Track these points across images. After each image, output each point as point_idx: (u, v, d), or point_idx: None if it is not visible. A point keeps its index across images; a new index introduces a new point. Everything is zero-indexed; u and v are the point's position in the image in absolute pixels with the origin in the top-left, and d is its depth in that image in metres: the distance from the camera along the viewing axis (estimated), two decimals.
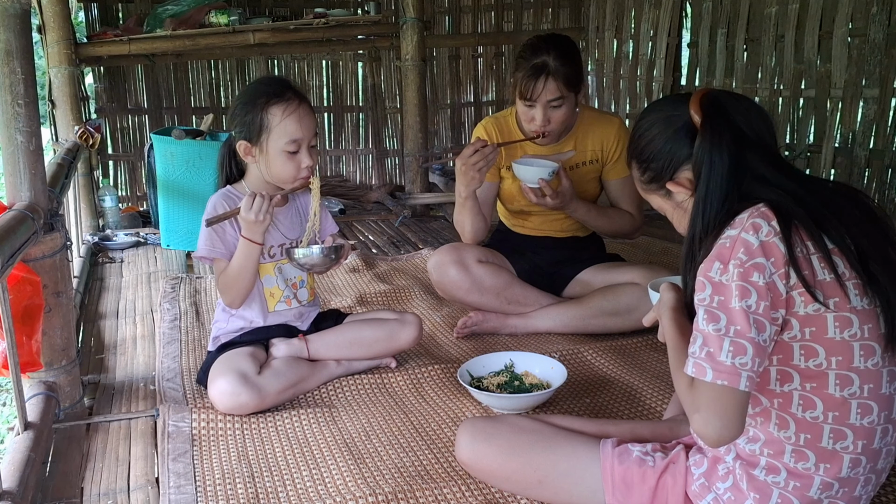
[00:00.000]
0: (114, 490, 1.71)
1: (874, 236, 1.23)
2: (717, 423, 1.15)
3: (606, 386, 2.12)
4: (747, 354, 1.13)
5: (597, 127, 2.48)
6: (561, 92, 2.29)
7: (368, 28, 4.79)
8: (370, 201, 4.98)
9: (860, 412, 1.20)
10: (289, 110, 1.98)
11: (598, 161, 2.50)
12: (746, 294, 1.14)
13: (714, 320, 1.16)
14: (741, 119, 1.28)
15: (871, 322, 1.20)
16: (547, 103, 2.30)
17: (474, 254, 2.50)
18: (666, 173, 1.36)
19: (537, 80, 2.27)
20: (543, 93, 2.28)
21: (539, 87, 2.27)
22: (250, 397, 1.92)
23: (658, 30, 4.60)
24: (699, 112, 1.29)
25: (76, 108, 4.11)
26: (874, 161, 3.35)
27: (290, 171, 2.02)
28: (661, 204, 1.43)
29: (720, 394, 1.14)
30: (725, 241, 1.19)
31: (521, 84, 2.30)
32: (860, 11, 3.36)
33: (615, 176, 2.51)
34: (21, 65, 1.82)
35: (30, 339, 1.83)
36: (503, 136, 2.50)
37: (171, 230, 3.71)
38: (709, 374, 1.15)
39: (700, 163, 1.27)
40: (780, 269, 1.16)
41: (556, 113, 2.33)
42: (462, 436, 1.57)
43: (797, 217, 1.19)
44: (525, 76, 2.28)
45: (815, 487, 1.22)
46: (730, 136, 1.26)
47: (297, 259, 2.03)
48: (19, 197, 1.88)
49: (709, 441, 1.17)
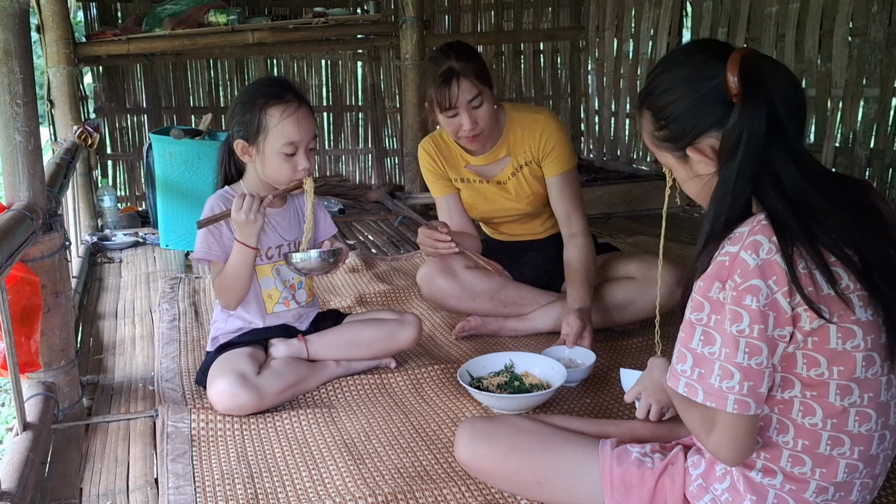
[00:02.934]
0: (113, 491, 1.70)
1: (880, 243, 1.20)
2: (729, 444, 1.18)
3: (606, 386, 2.12)
4: (734, 379, 1.14)
5: (525, 126, 2.43)
6: (477, 88, 2.27)
7: (368, 27, 4.79)
8: (370, 201, 4.97)
9: (858, 420, 1.19)
10: (287, 112, 1.97)
11: (534, 161, 2.45)
12: (738, 319, 1.13)
13: (710, 343, 1.16)
14: (778, 95, 1.16)
15: (874, 333, 1.18)
16: (467, 105, 2.27)
17: (461, 261, 2.48)
18: (687, 137, 1.24)
19: (450, 85, 2.24)
20: (461, 94, 2.25)
21: (454, 91, 2.24)
22: (249, 398, 1.92)
23: (658, 29, 4.60)
24: (738, 77, 1.16)
25: (75, 107, 4.11)
26: (875, 161, 3.35)
27: (286, 173, 2.01)
28: (672, 163, 1.31)
29: (730, 420, 1.16)
30: (725, 258, 1.16)
31: (437, 96, 2.27)
32: (860, 11, 3.36)
33: (553, 172, 2.43)
34: (20, 64, 1.82)
35: (28, 340, 1.82)
36: (441, 153, 2.50)
37: (170, 230, 3.71)
38: (700, 395, 1.16)
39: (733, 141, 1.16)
40: (784, 287, 1.13)
41: (480, 112, 2.30)
42: (461, 436, 1.56)
43: (797, 233, 1.14)
44: (437, 88, 2.26)
45: (811, 491, 1.22)
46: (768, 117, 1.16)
47: (294, 264, 2.03)
48: (18, 197, 1.88)
49: (726, 461, 1.21)
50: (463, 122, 2.29)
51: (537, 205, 2.51)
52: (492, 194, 2.50)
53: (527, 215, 2.55)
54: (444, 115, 2.30)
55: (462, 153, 2.49)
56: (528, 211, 2.52)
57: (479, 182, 2.50)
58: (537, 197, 2.49)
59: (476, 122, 2.30)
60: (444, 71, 2.24)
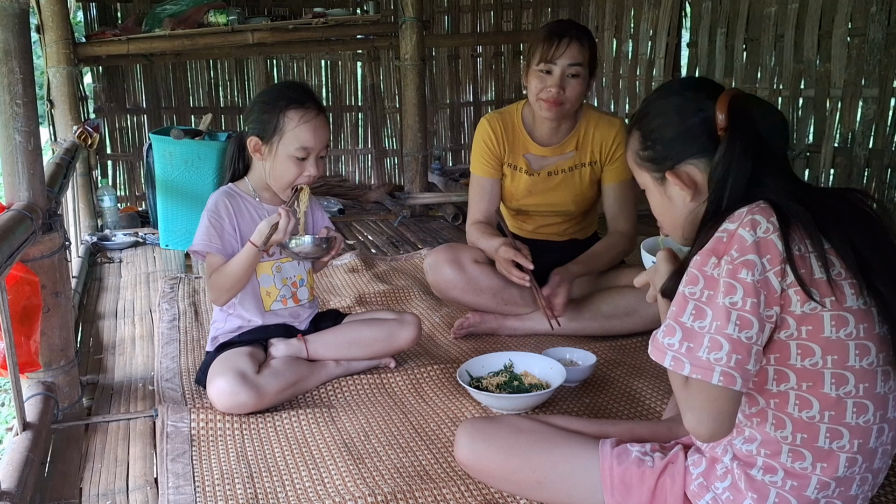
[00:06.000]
0: (112, 490, 1.70)
1: (874, 242, 1.22)
2: (708, 421, 1.17)
3: (606, 386, 2.12)
4: (722, 350, 1.14)
5: (599, 128, 2.47)
6: (582, 58, 2.27)
7: (367, 28, 4.79)
8: (369, 201, 4.97)
9: (856, 411, 1.20)
10: (306, 118, 2.01)
11: (598, 163, 2.49)
12: (731, 291, 1.14)
13: (700, 317, 1.17)
14: (766, 130, 1.25)
15: (866, 322, 1.19)
16: (566, 67, 2.27)
17: (471, 253, 2.49)
18: (668, 161, 1.33)
19: (560, 40, 2.25)
20: (566, 54, 2.25)
21: (562, 47, 2.25)
22: (249, 396, 1.92)
23: (657, 29, 4.60)
24: (726, 114, 1.26)
25: (75, 107, 4.11)
26: (874, 161, 3.35)
27: (292, 176, 2.04)
28: (648, 183, 1.40)
29: (713, 392, 1.15)
30: (723, 234, 1.19)
31: (542, 46, 2.27)
32: (859, 11, 3.36)
33: (612, 180, 2.49)
34: (19, 64, 1.82)
35: (28, 340, 1.82)
36: (507, 133, 2.49)
37: (170, 230, 3.71)
38: (686, 368, 1.16)
39: (721, 170, 1.24)
40: (776, 266, 1.15)
41: (572, 83, 2.30)
42: (461, 436, 1.57)
43: (796, 215, 1.18)
44: (546, 37, 2.26)
45: (812, 487, 1.22)
46: (754, 149, 1.24)
47: (290, 248, 2.05)
48: (18, 197, 1.88)
49: (700, 437, 1.20)
50: (551, 83, 2.29)
51: (580, 205, 2.54)
52: (538, 186, 2.49)
53: (564, 213, 2.55)
54: (540, 66, 2.30)
55: (526, 139, 2.47)
56: (567, 209, 2.54)
57: (528, 173, 2.49)
58: (584, 199, 2.52)
59: (563, 89, 2.30)
60: (560, 27, 2.28)
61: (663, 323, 1.24)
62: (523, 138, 2.49)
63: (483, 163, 2.52)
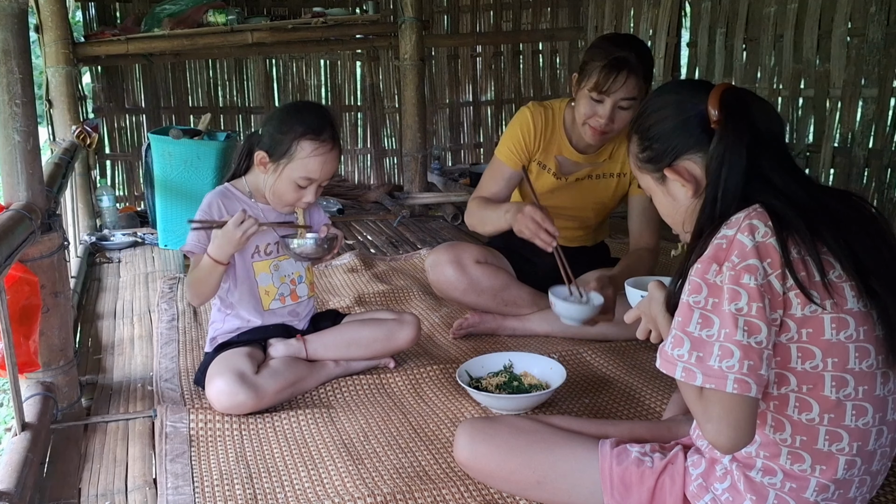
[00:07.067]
0: (111, 491, 1.70)
1: (872, 244, 1.22)
2: (727, 430, 1.15)
3: (605, 386, 2.12)
4: (734, 357, 1.13)
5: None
6: (637, 92, 2.19)
7: (367, 27, 4.78)
8: (369, 201, 4.97)
9: (855, 414, 1.20)
10: (319, 151, 2.00)
11: (626, 175, 2.44)
12: (736, 297, 1.14)
13: (707, 325, 1.16)
14: (760, 121, 1.27)
15: (866, 324, 1.19)
16: (619, 101, 2.19)
17: (472, 253, 2.49)
18: (666, 158, 1.34)
19: (618, 73, 2.15)
20: (622, 89, 2.17)
21: (619, 81, 2.15)
22: (248, 396, 1.92)
23: (657, 29, 4.59)
24: (718, 108, 1.27)
25: (74, 107, 4.10)
26: (873, 161, 3.35)
27: (290, 199, 2.05)
28: (651, 185, 1.41)
29: (728, 401, 1.14)
30: (722, 241, 1.18)
31: (599, 75, 2.17)
32: (859, 11, 3.36)
33: (640, 191, 2.39)
34: (18, 64, 1.82)
35: (27, 340, 1.82)
36: (546, 130, 2.41)
37: (169, 230, 3.70)
38: (698, 378, 1.15)
39: (716, 161, 1.25)
40: (777, 269, 1.15)
41: (623, 115, 2.22)
42: (461, 436, 1.57)
43: (792, 220, 1.18)
44: (604, 67, 2.16)
45: (812, 489, 1.22)
46: (749, 137, 1.24)
47: (292, 249, 2.05)
48: (17, 197, 1.88)
49: (722, 448, 1.17)
50: (602, 114, 2.21)
51: (598, 215, 2.52)
52: (561, 190, 2.46)
53: (579, 219, 2.53)
54: (591, 94, 2.21)
55: (563, 141, 2.42)
56: (585, 216, 2.52)
57: (555, 175, 2.45)
58: (603, 208, 2.50)
59: (613, 120, 2.23)
60: (621, 57, 2.15)
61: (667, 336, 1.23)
62: (560, 139, 2.43)
63: (511, 151, 2.43)
